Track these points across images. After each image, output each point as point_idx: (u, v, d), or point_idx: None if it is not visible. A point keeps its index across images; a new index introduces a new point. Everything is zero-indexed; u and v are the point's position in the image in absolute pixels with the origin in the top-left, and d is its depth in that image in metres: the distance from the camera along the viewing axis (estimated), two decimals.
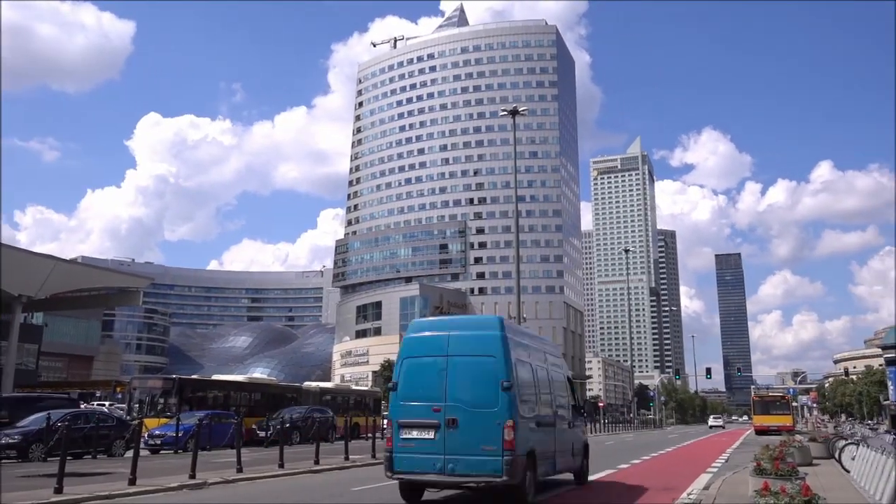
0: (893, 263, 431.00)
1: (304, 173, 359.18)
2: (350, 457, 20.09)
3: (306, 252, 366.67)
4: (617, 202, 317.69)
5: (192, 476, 14.42)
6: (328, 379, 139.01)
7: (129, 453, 16.18)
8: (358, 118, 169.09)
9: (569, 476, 14.68)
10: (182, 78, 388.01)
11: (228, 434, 24.82)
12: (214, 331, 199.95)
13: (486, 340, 10.63)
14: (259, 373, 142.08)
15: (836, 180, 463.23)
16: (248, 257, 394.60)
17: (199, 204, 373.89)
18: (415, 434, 10.52)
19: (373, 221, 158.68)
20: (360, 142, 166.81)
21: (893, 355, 21.19)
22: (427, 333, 11.18)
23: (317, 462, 18.36)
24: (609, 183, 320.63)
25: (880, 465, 11.45)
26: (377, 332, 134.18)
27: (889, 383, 21.81)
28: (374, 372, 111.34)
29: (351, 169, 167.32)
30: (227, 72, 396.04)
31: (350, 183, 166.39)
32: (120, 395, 53.60)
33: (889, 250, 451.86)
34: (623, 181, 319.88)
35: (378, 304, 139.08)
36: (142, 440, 21.52)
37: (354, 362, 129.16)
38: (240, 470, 15.97)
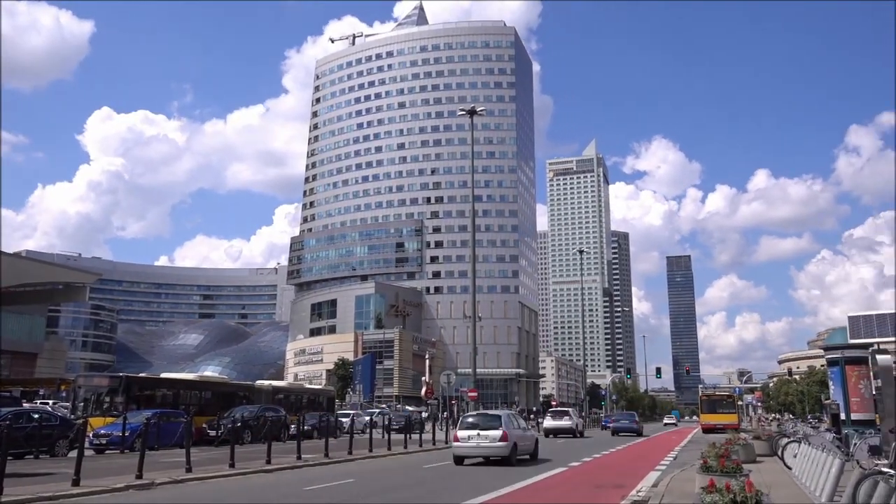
0: (828, 269, 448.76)
1: (258, 173, 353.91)
2: (303, 456, 19.90)
3: (262, 249, 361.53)
4: (572, 203, 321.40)
5: (139, 476, 14.09)
6: (281, 377, 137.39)
7: (74, 453, 15.74)
8: (315, 115, 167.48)
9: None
10: (137, 77, 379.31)
11: (177, 433, 24.34)
12: (164, 328, 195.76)
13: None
14: (210, 371, 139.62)
15: (771, 188, 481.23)
16: (202, 254, 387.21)
17: (153, 201, 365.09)
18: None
19: (329, 219, 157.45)
20: (316, 139, 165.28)
21: (835, 356, 22.08)
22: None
23: (268, 461, 18.14)
24: (564, 184, 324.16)
25: (821, 463, 11.84)
26: (332, 330, 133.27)
27: (830, 383, 22.70)
28: (328, 370, 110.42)
29: (307, 166, 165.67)
30: (182, 72, 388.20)
31: (306, 180, 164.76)
32: (65, 394, 52.18)
33: (822, 257, 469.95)
34: (578, 183, 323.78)
35: (333, 303, 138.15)
36: (87, 440, 20.95)
37: (308, 360, 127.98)
38: (189, 470, 15.67)
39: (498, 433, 20.02)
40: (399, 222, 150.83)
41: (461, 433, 20.52)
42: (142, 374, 41.62)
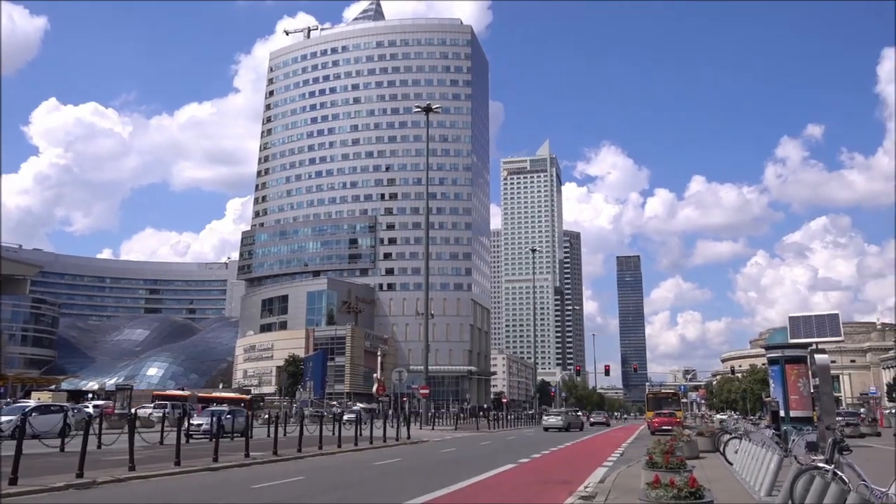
0: (764, 272, 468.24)
1: (208, 169, 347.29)
2: (251, 454, 19.61)
3: (214, 244, 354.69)
4: (525, 203, 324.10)
5: (80, 475, 13.67)
6: (230, 374, 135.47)
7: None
8: (268, 108, 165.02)
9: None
10: (86, 74, 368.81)
11: None
12: (108, 323, 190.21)
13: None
14: (156, 367, 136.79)
15: (705, 193, 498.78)
16: (151, 249, 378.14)
17: (99, 195, 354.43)
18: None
19: (281, 214, 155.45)
20: (269, 132, 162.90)
21: (775, 355, 22.79)
22: None
23: (215, 459, 17.82)
24: (518, 184, 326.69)
25: (760, 458, 12.19)
26: (283, 326, 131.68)
27: (771, 381, 23.43)
28: (278, 367, 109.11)
29: (260, 159, 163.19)
30: (132, 69, 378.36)
31: (258, 174, 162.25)
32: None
33: (757, 261, 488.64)
34: (532, 182, 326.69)
35: (284, 298, 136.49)
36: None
37: (258, 357, 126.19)
38: (132, 468, 15.27)
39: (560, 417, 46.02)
40: (352, 218, 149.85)
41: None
42: None
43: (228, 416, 31.50)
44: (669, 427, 41.29)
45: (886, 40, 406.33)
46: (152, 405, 49.99)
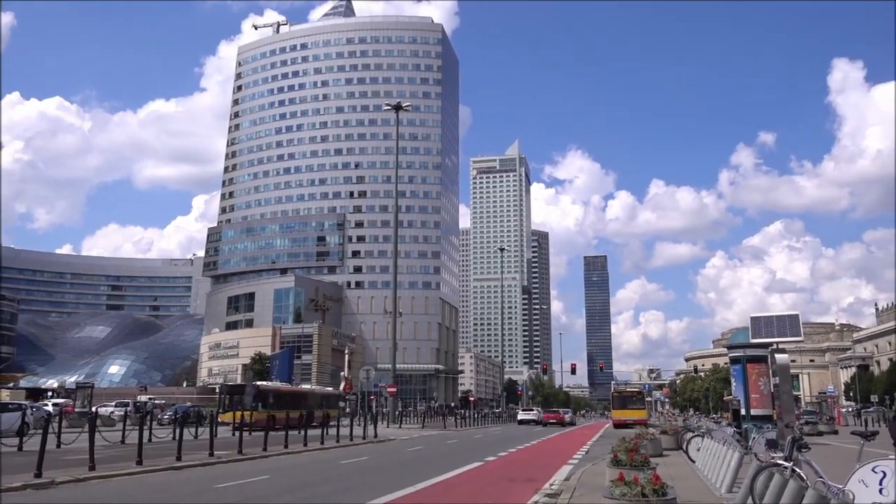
0: (722, 274, 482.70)
1: (174, 165, 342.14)
2: (215, 452, 19.37)
3: (181, 240, 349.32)
4: (494, 202, 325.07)
5: (38, 475, 13.36)
6: (194, 372, 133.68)
7: None
8: (236, 102, 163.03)
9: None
10: (51, 70, 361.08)
11: None
12: (69, 319, 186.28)
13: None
14: (118, 365, 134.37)
15: (666, 199, 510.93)
16: (115, 245, 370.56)
17: (63, 190, 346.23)
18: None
19: (248, 210, 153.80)
20: (237, 127, 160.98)
21: (737, 355, 23.23)
22: None
23: (178, 458, 17.56)
24: (487, 183, 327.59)
25: (721, 456, 12.42)
26: (249, 324, 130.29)
27: (732, 380, 23.87)
28: (244, 365, 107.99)
29: (227, 155, 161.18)
30: (95, 66, 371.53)
31: (226, 169, 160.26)
32: None
33: (714, 263, 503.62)
34: (501, 181, 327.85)
35: (251, 296, 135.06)
36: None
37: (224, 355, 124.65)
38: (92, 468, 14.97)
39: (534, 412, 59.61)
40: (321, 215, 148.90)
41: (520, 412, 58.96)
42: None
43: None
44: (633, 424, 41.87)
45: (836, 51, 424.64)
46: (114, 404, 49.12)
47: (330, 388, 62.63)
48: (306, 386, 62.97)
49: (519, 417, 65.02)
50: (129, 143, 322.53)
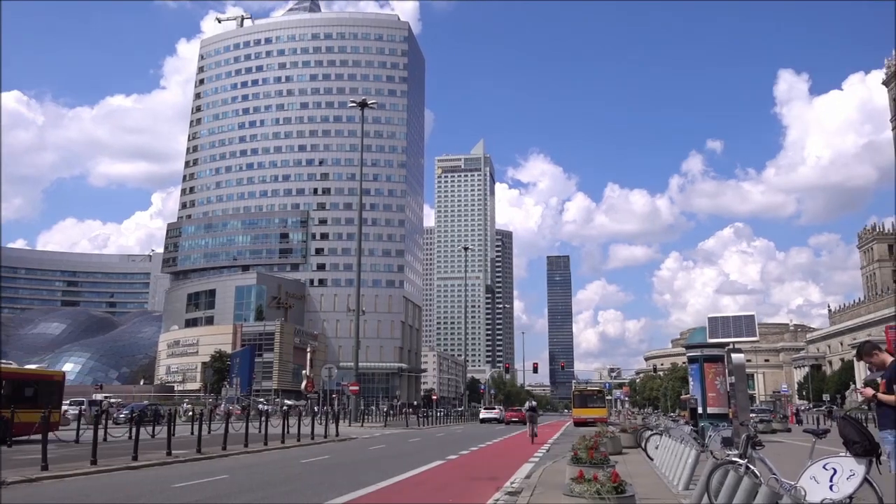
0: (677, 276, 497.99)
1: (132, 162, 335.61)
2: (173, 452, 19.06)
3: (140, 237, 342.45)
4: (459, 201, 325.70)
5: None
6: (152, 370, 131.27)
7: None
8: (198, 96, 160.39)
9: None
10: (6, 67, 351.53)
11: None
12: (21, 315, 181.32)
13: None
14: (72, 362, 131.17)
15: (621, 203, 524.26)
16: (71, 240, 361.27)
17: (18, 186, 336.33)
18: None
19: (210, 206, 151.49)
20: (198, 121, 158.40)
21: (695, 354, 23.71)
22: None
23: (135, 458, 17.24)
24: (452, 182, 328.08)
25: (679, 454, 12.65)
26: (209, 321, 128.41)
27: (690, 379, 24.35)
28: (203, 363, 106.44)
29: (188, 149, 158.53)
30: (54, 62, 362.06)
31: (186, 164, 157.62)
32: None
33: (668, 266, 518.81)
34: (466, 181, 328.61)
35: (212, 293, 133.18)
36: None
37: (182, 353, 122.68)
38: (45, 467, 14.61)
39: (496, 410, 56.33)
40: (284, 212, 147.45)
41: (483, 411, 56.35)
42: None
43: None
44: (594, 422, 42.36)
45: (782, 62, 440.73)
46: (68, 402, 47.95)
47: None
48: None
49: (481, 416, 65.06)
50: (86, 140, 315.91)
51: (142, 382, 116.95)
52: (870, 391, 7.23)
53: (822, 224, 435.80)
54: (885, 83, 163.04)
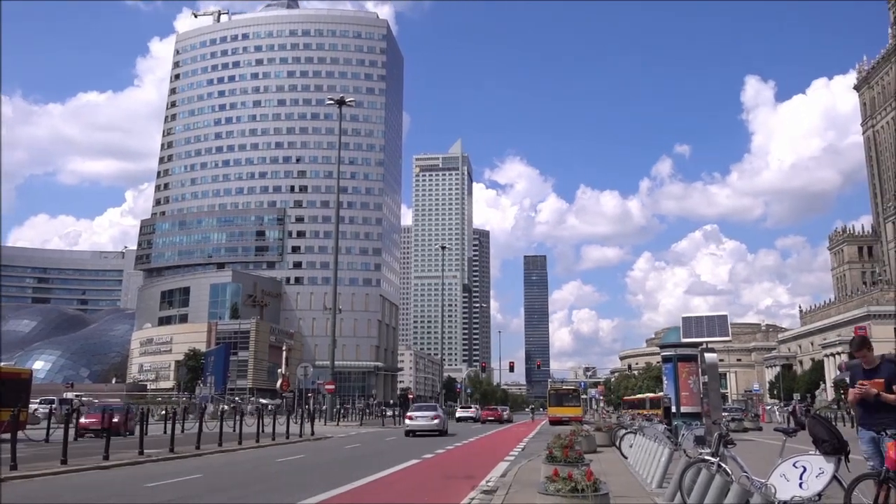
0: (649, 277, 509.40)
1: (104, 160, 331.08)
2: (145, 451, 18.84)
3: (114, 234, 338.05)
4: (436, 200, 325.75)
5: None
6: (125, 368, 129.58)
7: None
8: (173, 91, 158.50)
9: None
10: None
11: None
12: None
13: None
14: (43, 360, 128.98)
15: (594, 205, 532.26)
16: (43, 237, 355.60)
17: None
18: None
19: (184, 203, 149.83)
20: (173, 117, 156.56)
21: (669, 354, 24.00)
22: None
23: (106, 457, 17.00)
24: (430, 180, 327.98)
25: (652, 452, 12.77)
26: (183, 319, 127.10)
27: (664, 378, 24.64)
28: (177, 361, 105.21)
29: (162, 145, 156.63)
30: (30, 61, 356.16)
31: (161, 160, 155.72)
32: None
33: (640, 266, 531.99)
34: (443, 180, 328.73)
35: (186, 290, 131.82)
36: None
37: (156, 351, 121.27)
38: (14, 467, 14.35)
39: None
40: (260, 210, 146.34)
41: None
42: None
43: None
44: (569, 421, 42.58)
45: (749, 69, 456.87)
46: (38, 401, 47.18)
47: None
48: None
49: (457, 415, 64.10)
50: (57, 137, 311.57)
51: (114, 381, 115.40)
52: (872, 390, 7.20)
53: (788, 227, 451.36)
54: (857, 88, 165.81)
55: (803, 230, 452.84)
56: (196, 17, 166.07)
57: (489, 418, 61.88)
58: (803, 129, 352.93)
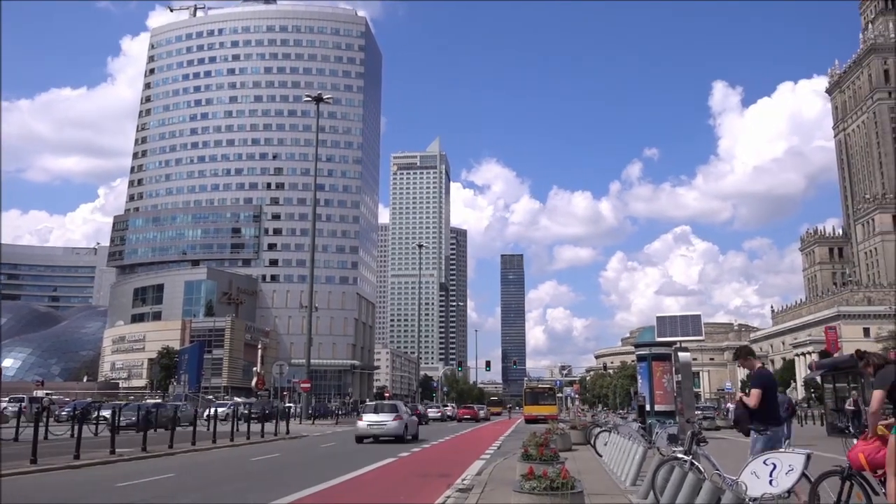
0: (621, 277, 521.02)
1: (76, 156, 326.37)
2: (117, 450, 18.59)
3: (87, 232, 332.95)
4: (414, 198, 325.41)
5: None
6: (96, 366, 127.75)
7: None
8: (148, 86, 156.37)
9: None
10: None
11: None
12: None
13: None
14: (13, 357, 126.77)
15: (566, 206, 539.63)
16: (13, 233, 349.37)
17: None
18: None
19: (158, 199, 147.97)
20: (148, 112, 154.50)
21: (643, 353, 24.24)
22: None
23: (77, 456, 16.75)
24: (408, 179, 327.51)
25: (626, 450, 12.88)
26: (157, 316, 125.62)
27: (639, 377, 24.89)
28: (150, 359, 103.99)
29: (136, 140, 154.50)
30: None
31: (134, 155, 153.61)
32: None
33: (612, 266, 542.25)
34: (421, 178, 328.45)
35: (160, 288, 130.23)
36: None
37: (129, 349, 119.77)
38: None
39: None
40: (236, 207, 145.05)
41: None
42: None
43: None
44: (545, 419, 42.80)
45: (715, 75, 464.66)
46: (7, 399, 46.40)
47: None
48: None
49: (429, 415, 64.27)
50: (27, 134, 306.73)
51: (85, 379, 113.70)
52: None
53: (755, 229, 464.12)
54: (829, 91, 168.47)
55: (769, 233, 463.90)
56: (172, 11, 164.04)
57: (465, 416, 62.02)
58: (769, 134, 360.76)
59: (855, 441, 7.48)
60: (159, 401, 50.05)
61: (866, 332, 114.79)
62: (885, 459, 6.68)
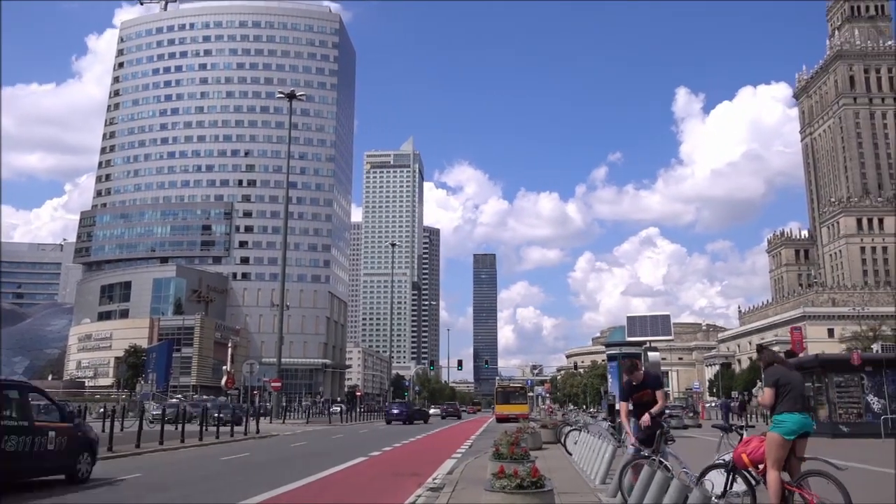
0: (589, 278, 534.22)
1: (41, 153, 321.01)
2: None
3: (55, 229, 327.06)
4: (387, 197, 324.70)
5: None
6: (62, 364, 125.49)
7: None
8: (116, 80, 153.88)
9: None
10: None
11: None
12: None
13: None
14: None
15: (533, 207, 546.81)
16: None
17: None
18: None
19: (126, 195, 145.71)
20: (116, 106, 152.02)
21: (614, 352, 24.54)
22: None
23: None
24: (381, 177, 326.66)
25: (596, 449, 12.99)
26: (124, 314, 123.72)
27: (609, 376, 25.19)
28: (117, 358, 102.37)
29: (104, 135, 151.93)
30: None
31: (102, 150, 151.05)
32: None
33: (580, 267, 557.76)
34: (394, 177, 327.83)
35: (127, 285, 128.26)
36: None
37: (95, 347, 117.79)
38: None
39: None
40: (207, 203, 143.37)
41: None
42: None
43: None
44: (516, 418, 43.01)
45: (680, 81, 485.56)
46: None
47: None
48: None
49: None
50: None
51: (50, 378, 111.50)
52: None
53: (716, 232, 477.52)
54: (796, 96, 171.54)
55: (731, 235, 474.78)
56: (142, 3, 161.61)
57: (449, 413, 62.38)
58: (729, 139, 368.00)
59: (732, 435, 8.09)
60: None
61: (830, 332, 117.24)
62: (765, 454, 7.02)
